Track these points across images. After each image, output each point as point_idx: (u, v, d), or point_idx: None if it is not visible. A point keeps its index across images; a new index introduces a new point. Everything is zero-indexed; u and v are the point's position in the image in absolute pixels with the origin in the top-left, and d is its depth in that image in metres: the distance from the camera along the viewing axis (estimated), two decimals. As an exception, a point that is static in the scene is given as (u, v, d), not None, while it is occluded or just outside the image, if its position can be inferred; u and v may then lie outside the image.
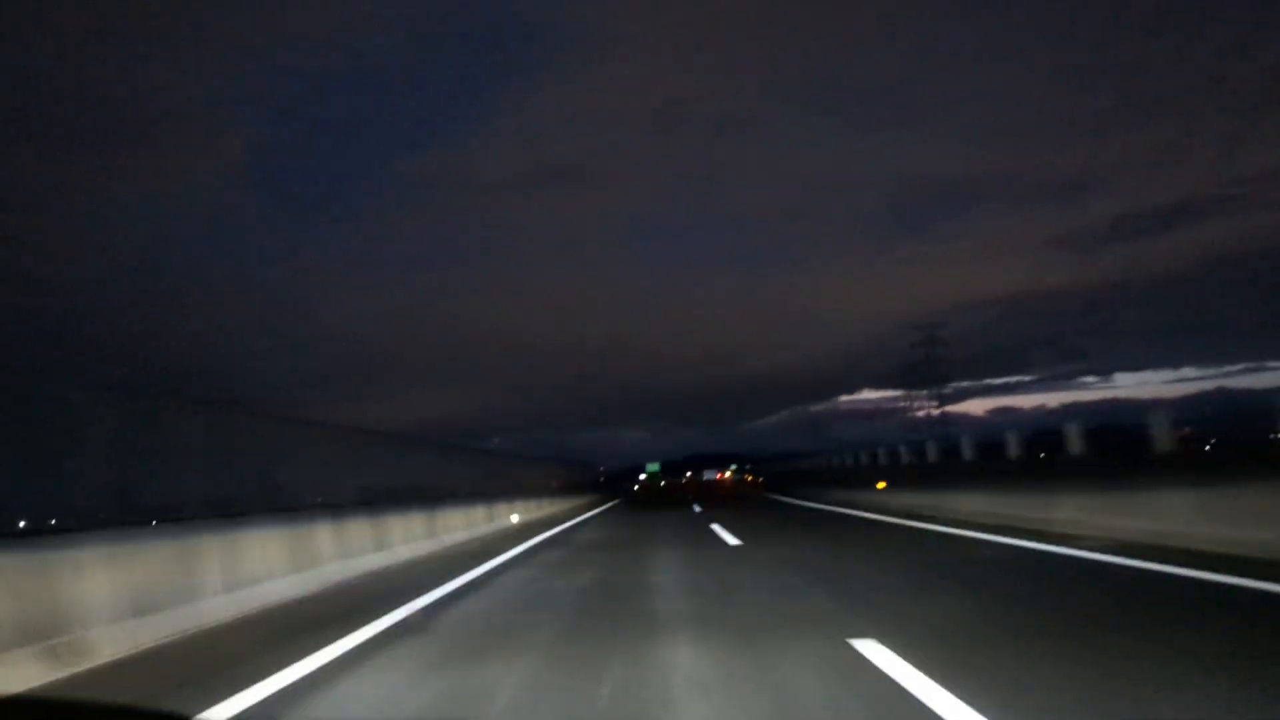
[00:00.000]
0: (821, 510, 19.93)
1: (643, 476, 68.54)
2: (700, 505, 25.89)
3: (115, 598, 5.23)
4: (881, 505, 18.17)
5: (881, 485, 20.60)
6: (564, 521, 20.49)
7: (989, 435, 17.02)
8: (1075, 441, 11.66)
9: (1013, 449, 13.99)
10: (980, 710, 3.26)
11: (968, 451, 16.41)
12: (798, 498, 27.65)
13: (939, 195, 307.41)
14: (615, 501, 36.92)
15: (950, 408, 76.45)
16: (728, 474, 67.31)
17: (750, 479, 60.86)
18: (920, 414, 79.70)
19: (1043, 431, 14.45)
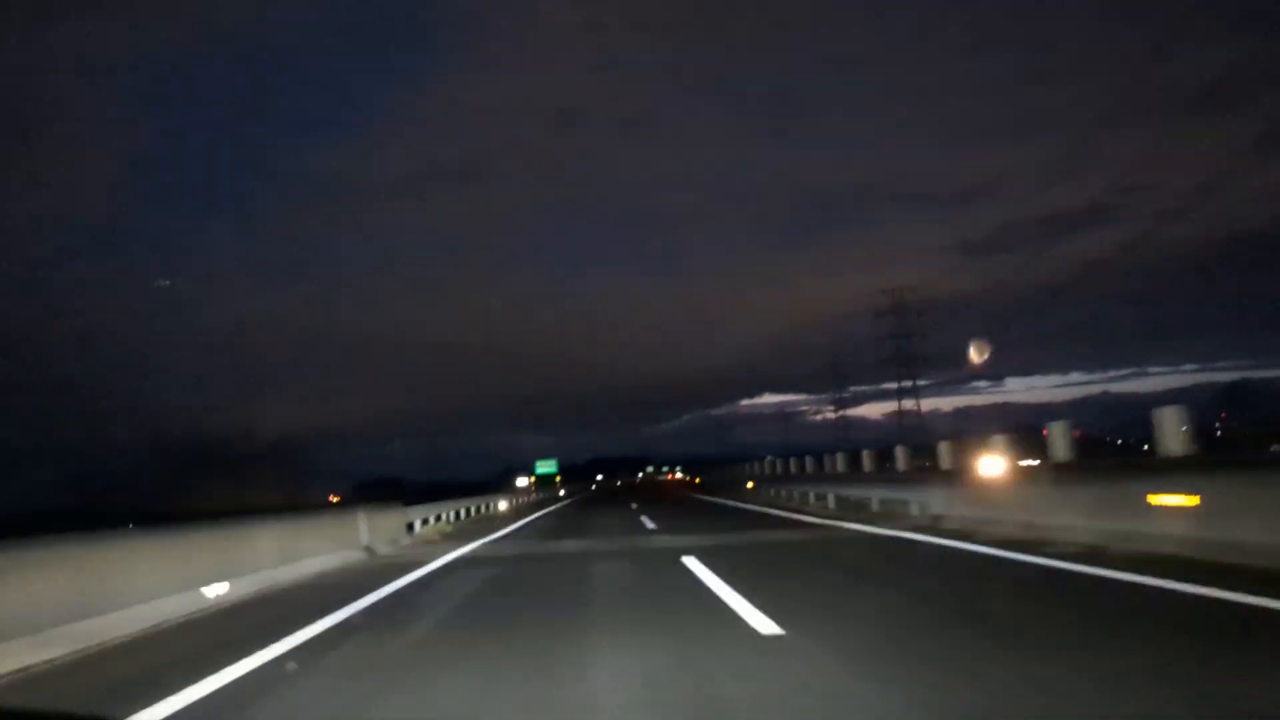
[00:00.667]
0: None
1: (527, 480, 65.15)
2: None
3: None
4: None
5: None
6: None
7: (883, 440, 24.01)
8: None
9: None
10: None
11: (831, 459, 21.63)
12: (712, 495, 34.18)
13: (837, 201, 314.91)
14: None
15: (848, 411, 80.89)
16: (677, 474, 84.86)
17: (688, 479, 79.25)
18: (819, 418, 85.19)
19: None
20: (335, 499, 21.09)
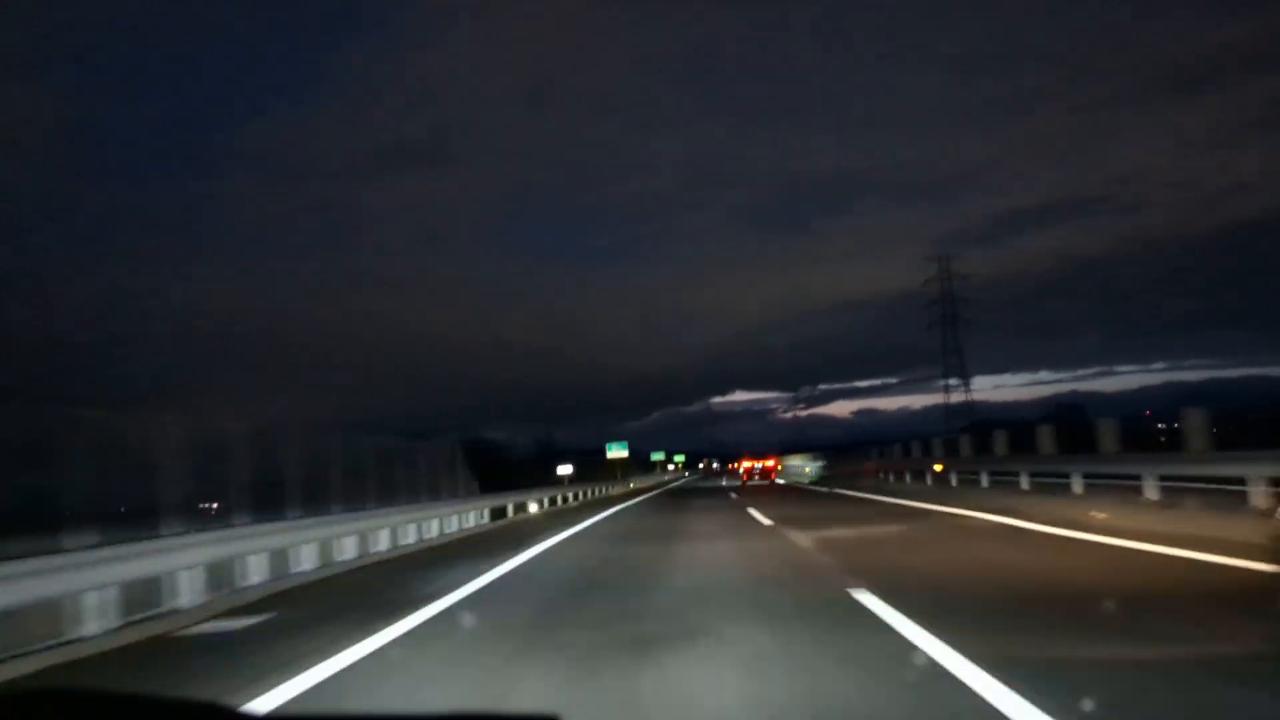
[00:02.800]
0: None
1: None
2: None
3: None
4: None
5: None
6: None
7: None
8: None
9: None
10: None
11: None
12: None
13: (821, 190, 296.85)
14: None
15: (818, 409, 75.85)
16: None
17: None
18: (787, 416, 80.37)
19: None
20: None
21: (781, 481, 50.69)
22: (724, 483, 55.77)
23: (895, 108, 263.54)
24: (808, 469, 54.71)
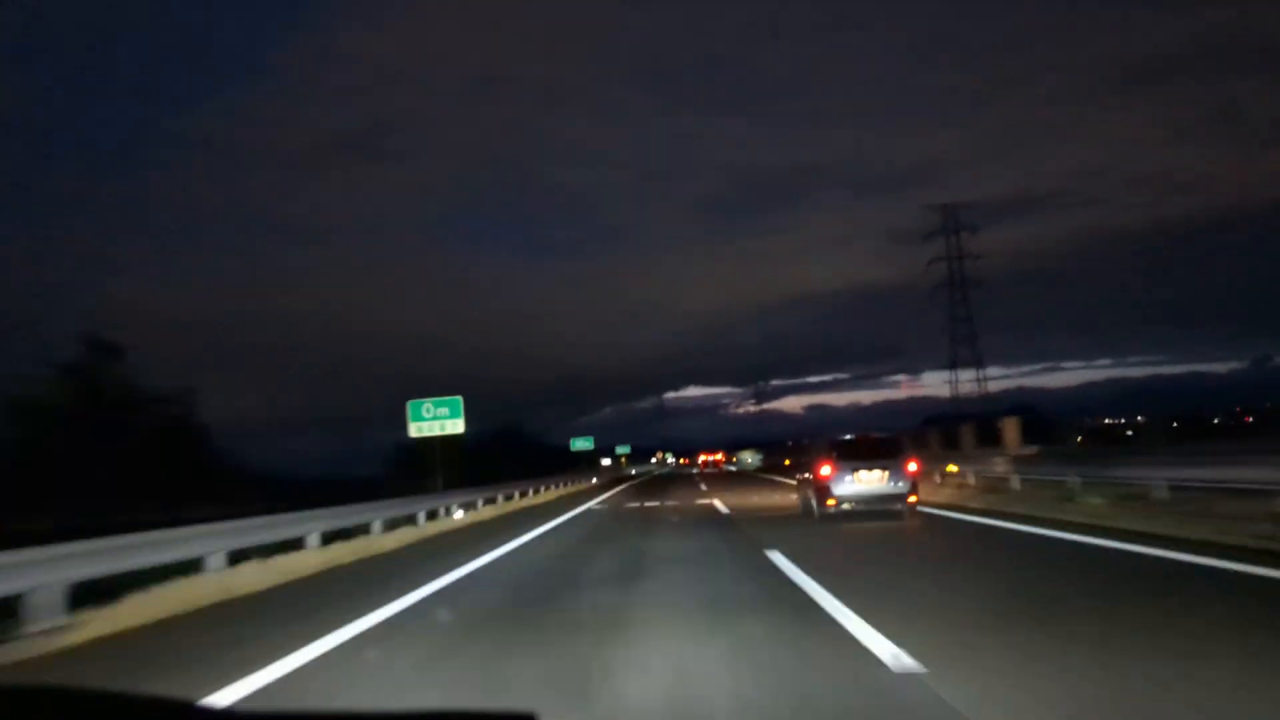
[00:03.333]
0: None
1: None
2: None
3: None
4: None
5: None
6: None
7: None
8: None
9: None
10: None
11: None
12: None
13: (774, 182, 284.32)
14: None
15: (770, 405, 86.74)
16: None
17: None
18: (740, 411, 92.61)
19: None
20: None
21: (732, 469, 75.53)
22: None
23: (854, 99, 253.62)
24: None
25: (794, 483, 19.95)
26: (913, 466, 14.01)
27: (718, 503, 21.22)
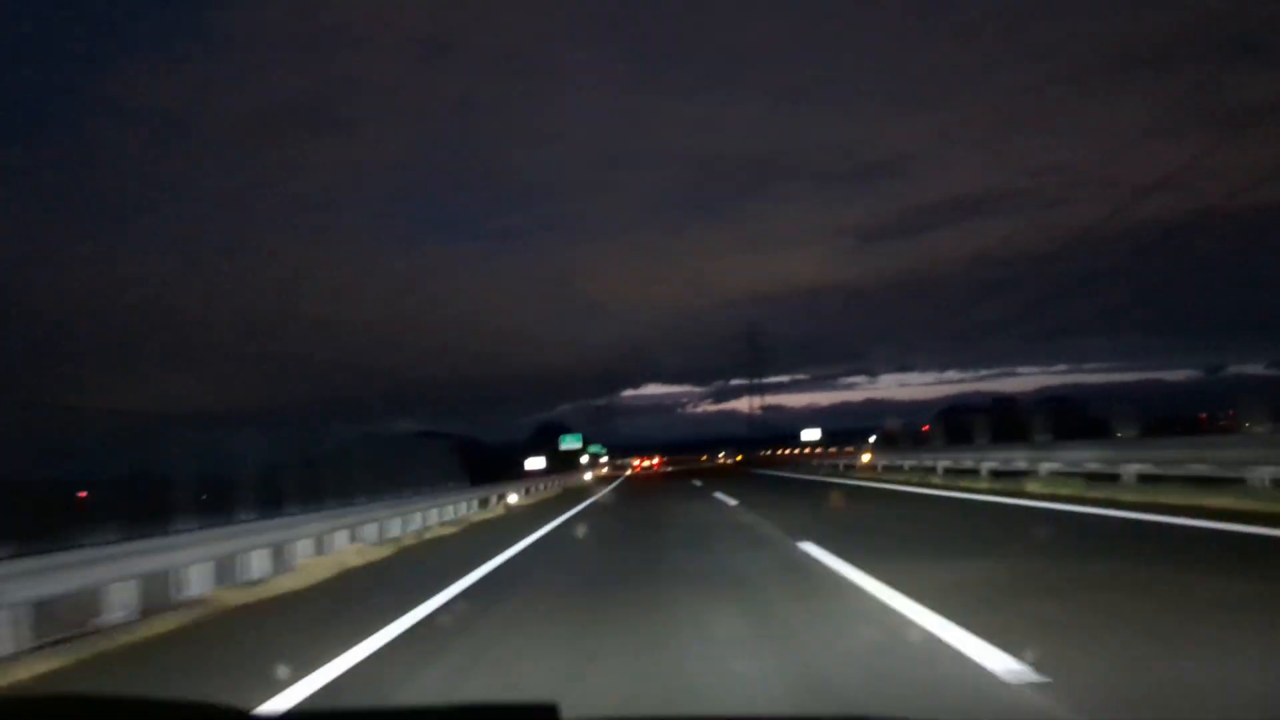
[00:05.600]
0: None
1: None
2: None
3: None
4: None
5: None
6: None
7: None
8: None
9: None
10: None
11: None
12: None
13: (740, 172, 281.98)
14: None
15: (727, 404, 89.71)
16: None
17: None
18: (697, 410, 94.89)
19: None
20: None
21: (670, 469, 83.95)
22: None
23: (821, 86, 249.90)
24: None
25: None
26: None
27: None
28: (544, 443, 62.91)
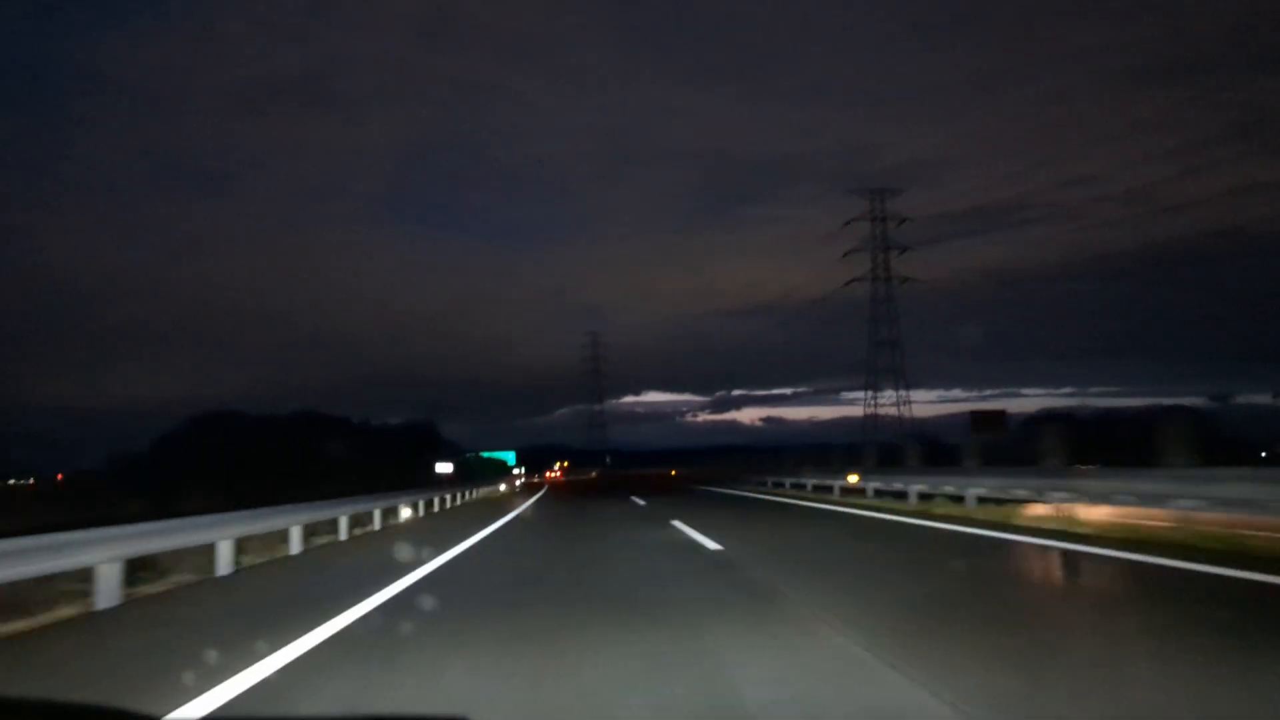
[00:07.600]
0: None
1: None
2: None
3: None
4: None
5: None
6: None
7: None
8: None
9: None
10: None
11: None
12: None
13: (752, 174, 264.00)
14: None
15: (728, 414, 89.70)
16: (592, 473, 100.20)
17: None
18: (697, 419, 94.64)
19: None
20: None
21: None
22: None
23: (839, 83, 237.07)
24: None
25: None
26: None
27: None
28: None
